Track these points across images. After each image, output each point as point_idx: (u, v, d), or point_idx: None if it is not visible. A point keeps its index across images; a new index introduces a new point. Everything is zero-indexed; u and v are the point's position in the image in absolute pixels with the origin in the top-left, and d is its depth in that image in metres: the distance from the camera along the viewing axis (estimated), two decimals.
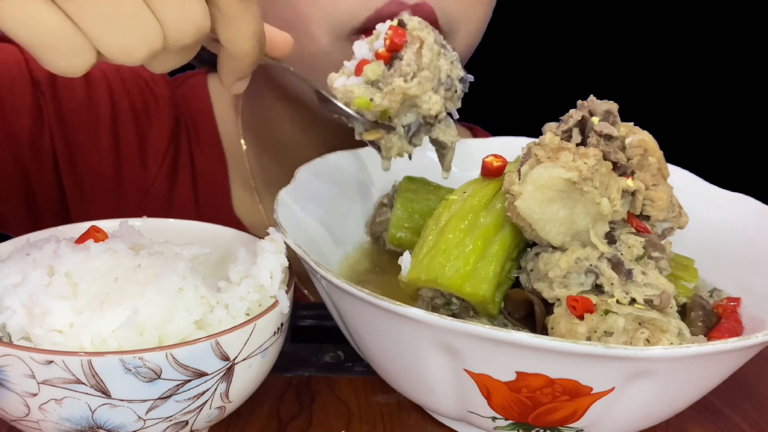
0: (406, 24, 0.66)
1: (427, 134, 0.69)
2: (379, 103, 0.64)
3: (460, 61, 0.69)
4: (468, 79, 0.69)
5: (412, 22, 0.66)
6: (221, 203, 0.99)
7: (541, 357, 0.48)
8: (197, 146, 0.99)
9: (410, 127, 0.68)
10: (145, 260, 0.54)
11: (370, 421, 0.61)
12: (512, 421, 0.54)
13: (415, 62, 0.64)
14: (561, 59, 2.04)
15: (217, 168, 0.99)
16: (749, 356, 0.54)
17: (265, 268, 0.56)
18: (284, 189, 0.68)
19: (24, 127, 0.89)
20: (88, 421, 0.49)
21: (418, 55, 0.65)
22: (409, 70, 0.64)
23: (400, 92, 0.64)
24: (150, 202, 0.96)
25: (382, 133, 0.67)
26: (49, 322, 0.49)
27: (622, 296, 0.55)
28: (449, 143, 0.70)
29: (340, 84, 0.66)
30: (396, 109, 0.65)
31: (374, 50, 0.67)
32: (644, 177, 0.60)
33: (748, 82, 2.09)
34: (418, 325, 0.50)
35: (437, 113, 0.66)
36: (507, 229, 0.60)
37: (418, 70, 0.64)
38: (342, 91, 0.65)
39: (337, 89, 0.65)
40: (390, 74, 0.65)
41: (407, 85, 0.64)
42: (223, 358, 0.50)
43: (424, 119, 0.67)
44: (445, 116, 0.68)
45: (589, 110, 0.61)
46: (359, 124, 0.67)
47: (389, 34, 0.65)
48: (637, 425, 0.56)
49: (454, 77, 0.67)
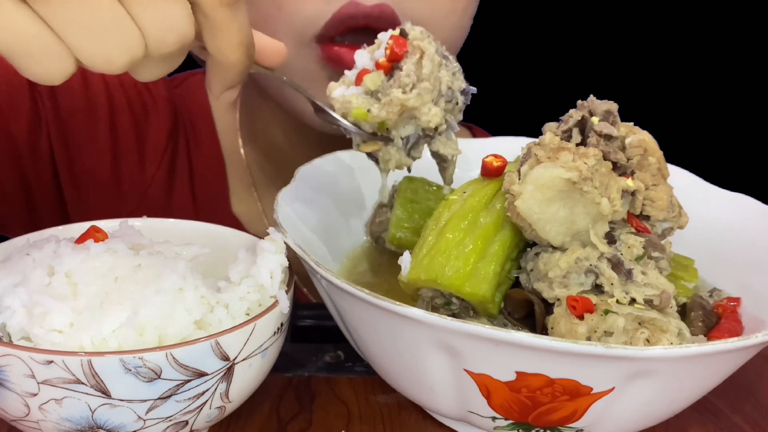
0: (408, 33, 0.65)
1: (426, 146, 0.68)
2: (376, 114, 0.63)
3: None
4: (470, 91, 0.67)
5: (413, 31, 0.65)
6: (219, 203, 0.99)
7: (541, 357, 0.48)
8: (195, 146, 0.99)
9: (409, 139, 0.66)
10: (145, 260, 0.54)
11: (370, 421, 0.61)
12: (512, 421, 0.54)
13: (415, 73, 0.63)
14: (561, 59, 2.04)
15: (215, 168, 0.99)
16: (749, 356, 0.54)
17: (265, 268, 0.56)
18: (284, 189, 0.68)
19: (21, 128, 0.89)
20: (88, 421, 0.49)
21: (419, 65, 0.63)
22: (408, 81, 0.63)
23: (398, 103, 0.62)
24: (148, 203, 0.96)
25: (380, 145, 0.66)
26: (49, 322, 0.49)
27: (622, 296, 0.55)
28: (450, 156, 0.69)
29: (339, 94, 0.65)
30: (394, 121, 0.64)
31: (375, 60, 0.66)
32: (644, 177, 0.60)
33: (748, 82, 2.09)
34: (418, 325, 0.50)
35: (437, 125, 0.65)
36: (507, 229, 0.60)
37: (417, 81, 0.63)
38: (340, 101, 0.64)
39: (336, 99, 0.64)
40: (389, 85, 0.64)
41: (406, 96, 0.62)
42: (223, 358, 0.50)
43: (424, 131, 0.66)
44: (445, 129, 0.67)
45: (589, 110, 0.61)
46: (357, 136, 0.66)
47: (390, 44, 0.64)
48: (637, 425, 0.56)
49: (456, 89, 0.66)
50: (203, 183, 0.99)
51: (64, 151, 0.92)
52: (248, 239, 0.64)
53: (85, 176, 0.94)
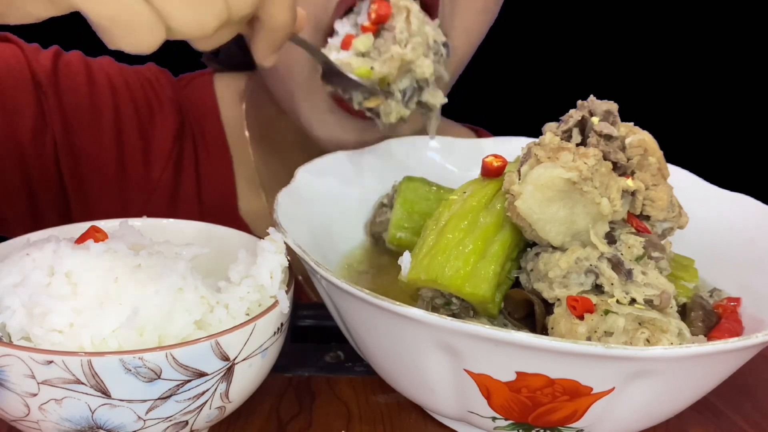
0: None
1: (418, 97, 0.73)
2: (378, 70, 0.69)
3: (450, 66, 0.75)
4: (449, 45, 0.75)
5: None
6: (226, 204, 0.99)
7: (541, 357, 0.48)
8: (203, 147, 0.99)
9: (406, 92, 0.72)
10: (145, 260, 0.54)
11: (370, 421, 0.61)
12: (512, 421, 0.54)
13: (407, 30, 0.69)
14: (561, 59, 2.04)
15: (222, 169, 0.99)
16: (749, 356, 0.54)
17: (265, 268, 0.56)
18: (284, 189, 0.68)
19: (26, 127, 0.89)
20: (88, 421, 0.49)
21: (407, 23, 0.69)
22: (402, 37, 0.68)
23: (398, 58, 0.68)
24: (154, 204, 0.96)
25: (382, 99, 0.71)
26: (49, 322, 0.49)
27: (622, 296, 0.55)
28: (437, 105, 0.75)
29: (334, 58, 0.70)
30: (394, 75, 0.69)
31: (359, 25, 0.71)
32: (644, 177, 0.60)
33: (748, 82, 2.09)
34: (418, 325, 0.50)
35: (429, 76, 0.71)
36: (507, 229, 0.60)
37: (410, 36, 0.69)
38: (340, 64, 0.69)
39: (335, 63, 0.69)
40: (381, 44, 0.69)
41: (404, 51, 0.68)
42: (223, 358, 0.50)
43: (418, 83, 0.72)
44: (433, 80, 0.73)
45: (589, 110, 0.61)
46: (359, 94, 0.70)
47: (374, 8, 0.70)
48: (637, 425, 0.56)
49: (440, 42, 0.72)
50: (210, 184, 0.99)
51: (69, 151, 0.92)
52: (248, 239, 0.64)
53: (90, 177, 0.94)
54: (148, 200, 0.96)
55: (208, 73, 1.05)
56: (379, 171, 0.78)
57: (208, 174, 0.99)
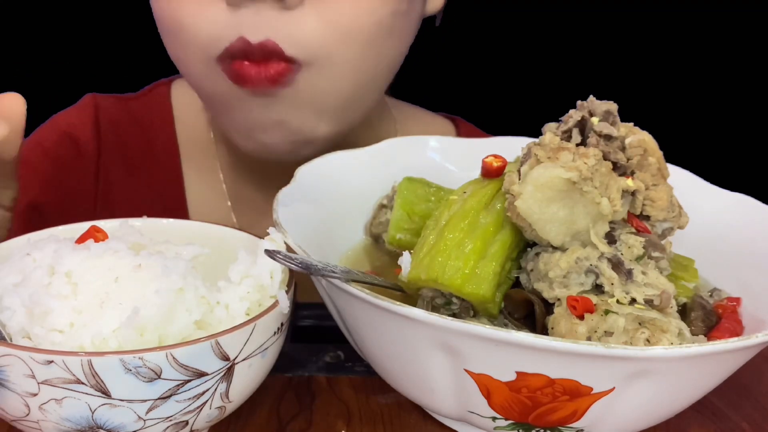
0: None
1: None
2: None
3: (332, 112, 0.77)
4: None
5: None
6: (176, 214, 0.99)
7: (541, 357, 0.48)
8: (151, 157, 1.00)
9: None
10: (145, 260, 0.54)
11: (370, 421, 0.61)
12: (512, 421, 0.54)
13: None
14: (561, 59, 2.04)
15: (171, 180, 1.00)
16: (749, 356, 0.54)
17: (265, 268, 0.56)
18: (284, 189, 0.68)
19: None
20: (88, 421, 0.49)
21: None
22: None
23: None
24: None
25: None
26: (49, 322, 0.49)
27: (622, 296, 0.55)
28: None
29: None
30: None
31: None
32: (644, 177, 0.60)
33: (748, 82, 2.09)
34: (418, 325, 0.50)
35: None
36: (507, 229, 0.60)
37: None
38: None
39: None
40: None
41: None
42: (223, 358, 0.50)
43: None
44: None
45: (589, 110, 0.61)
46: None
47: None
48: (637, 425, 0.56)
49: None
50: (160, 187, 1.00)
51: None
52: (248, 239, 0.64)
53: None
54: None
55: (171, 81, 1.05)
56: (380, 171, 0.78)
57: (158, 183, 1.00)
